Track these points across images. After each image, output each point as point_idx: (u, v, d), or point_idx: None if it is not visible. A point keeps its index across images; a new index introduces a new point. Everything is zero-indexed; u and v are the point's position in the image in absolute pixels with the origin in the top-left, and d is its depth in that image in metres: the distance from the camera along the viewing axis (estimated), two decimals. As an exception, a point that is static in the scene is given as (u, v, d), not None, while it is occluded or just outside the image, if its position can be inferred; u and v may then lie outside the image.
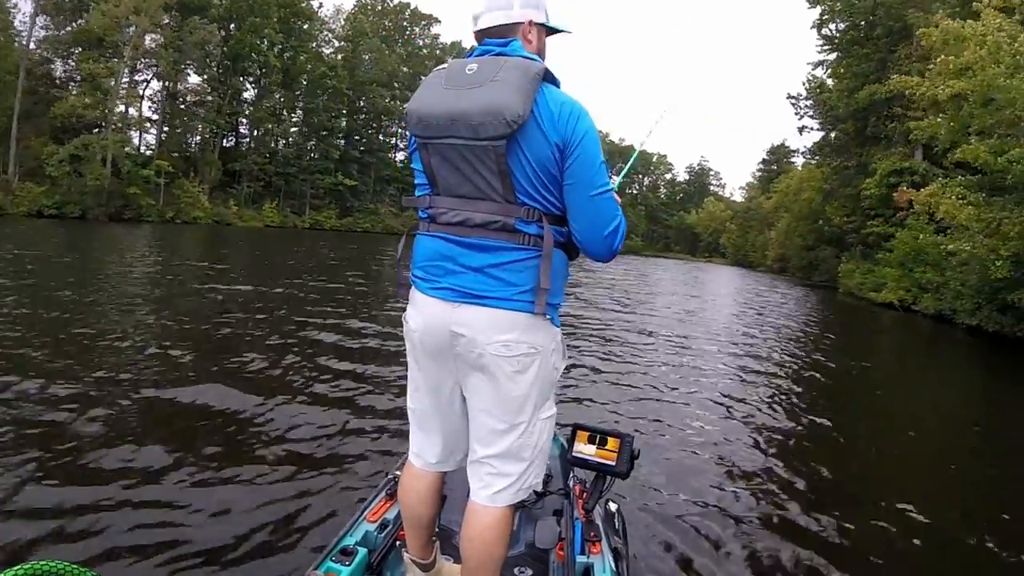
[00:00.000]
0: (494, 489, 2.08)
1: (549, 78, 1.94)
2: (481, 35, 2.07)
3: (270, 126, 63.09)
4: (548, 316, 1.99)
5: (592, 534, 2.67)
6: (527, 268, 1.94)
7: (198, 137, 58.71)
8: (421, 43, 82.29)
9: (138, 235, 30.48)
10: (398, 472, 2.76)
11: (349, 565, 2.30)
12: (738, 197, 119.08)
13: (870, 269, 35.42)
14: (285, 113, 64.77)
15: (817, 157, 51.30)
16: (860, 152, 40.65)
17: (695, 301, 24.71)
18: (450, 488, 2.54)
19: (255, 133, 63.27)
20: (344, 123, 69.89)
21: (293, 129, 65.08)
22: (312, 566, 2.30)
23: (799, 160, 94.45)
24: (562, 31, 2.18)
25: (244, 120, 61.88)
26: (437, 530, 2.43)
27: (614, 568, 2.51)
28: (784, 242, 66.86)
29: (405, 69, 77.29)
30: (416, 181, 2.15)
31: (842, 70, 41.99)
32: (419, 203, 2.09)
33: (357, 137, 72.06)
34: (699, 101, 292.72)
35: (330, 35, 71.64)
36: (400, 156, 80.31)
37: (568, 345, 2.25)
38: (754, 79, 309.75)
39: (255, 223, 54.46)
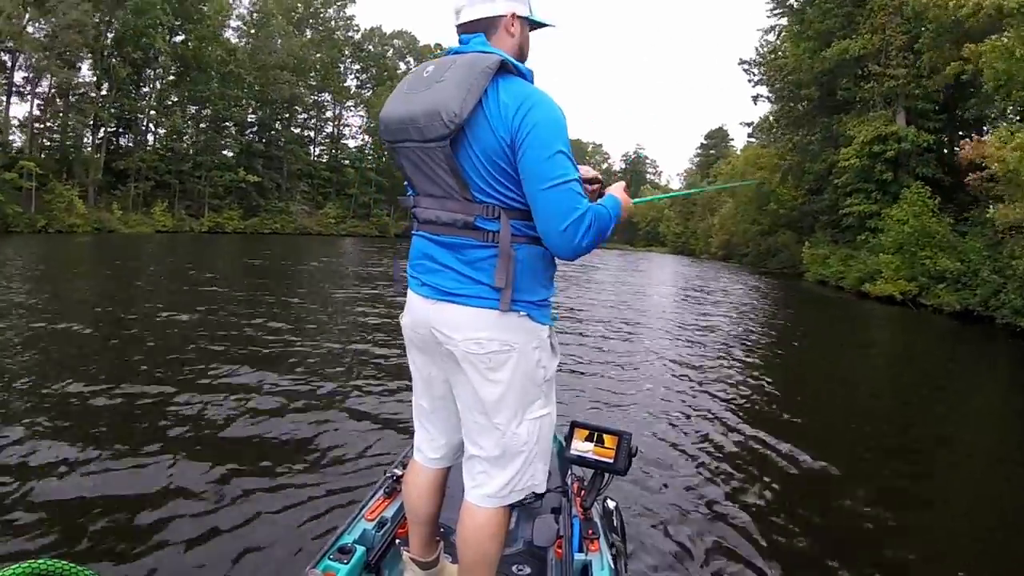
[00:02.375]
0: (484, 490, 2.07)
1: (509, 69, 1.90)
2: (461, 29, 2.05)
3: (160, 118, 55.80)
4: (524, 312, 1.96)
5: (590, 532, 2.63)
6: (491, 265, 1.92)
7: (73, 133, 50.69)
8: (335, 25, 75.20)
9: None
10: (396, 470, 2.89)
11: (347, 563, 2.29)
12: (675, 184, 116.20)
13: (848, 255, 30.47)
14: (177, 103, 57.40)
15: (774, 130, 45.73)
16: (827, 121, 35.37)
17: (654, 298, 22.33)
18: (448, 486, 2.42)
19: (142, 127, 55.49)
20: (248, 114, 62.82)
21: (188, 122, 57.83)
22: (310, 564, 2.29)
23: (738, 143, 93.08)
24: (545, 25, 2.17)
25: (129, 113, 53.78)
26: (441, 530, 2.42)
27: (612, 566, 2.49)
28: (730, 228, 64.27)
29: (318, 54, 70.63)
30: (406, 183, 2.15)
31: (799, 28, 36.63)
32: (407, 203, 2.13)
33: (263, 129, 64.83)
34: (634, 88, 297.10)
35: (235, 18, 64.29)
36: (317, 151, 75.21)
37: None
38: (689, 64, 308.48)
39: (144, 228, 47.28)
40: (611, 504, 3.10)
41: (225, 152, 59.89)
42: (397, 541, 2.59)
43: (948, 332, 18.06)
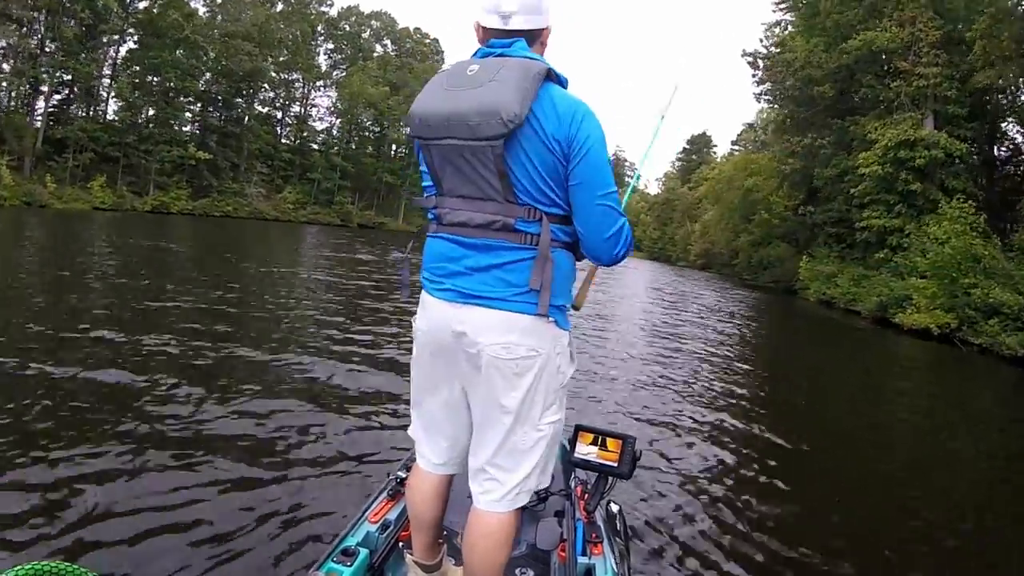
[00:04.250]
0: (494, 495, 2.08)
1: (553, 77, 1.95)
2: (499, 34, 2.04)
3: (106, 82, 51.03)
4: (552, 318, 1.98)
5: (594, 535, 2.66)
6: (528, 268, 1.94)
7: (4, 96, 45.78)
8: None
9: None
10: (400, 473, 2.89)
11: (350, 566, 2.30)
12: (653, 189, 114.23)
13: (862, 275, 26.86)
14: (123, 68, 52.58)
15: (782, 131, 41.60)
16: (841, 123, 31.58)
17: (652, 308, 21.38)
18: (451, 489, 2.43)
19: (84, 92, 50.34)
20: (205, 86, 57.84)
21: (135, 91, 52.61)
22: (313, 567, 2.30)
23: (722, 148, 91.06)
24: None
25: (71, 76, 48.71)
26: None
27: (616, 569, 2.50)
28: (712, 236, 62.47)
29: (286, 28, 65.94)
30: (423, 182, 2.14)
31: (810, 20, 32.75)
32: (427, 203, 2.10)
33: (221, 104, 59.82)
34: (618, 90, 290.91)
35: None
36: (286, 134, 70.91)
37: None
38: (669, 67, 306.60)
39: (80, 205, 42.38)
40: (615, 508, 3.02)
41: (179, 126, 55.42)
42: (400, 544, 2.55)
43: (1007, 381, 14.90)
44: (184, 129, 56.11)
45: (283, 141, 69.49)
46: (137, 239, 22.57)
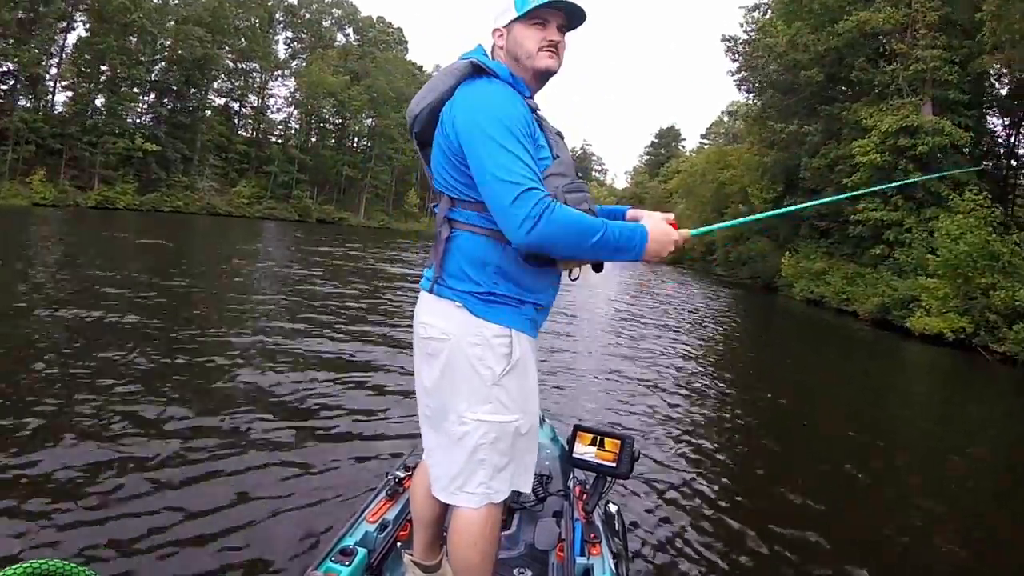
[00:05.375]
0: (436, 481, 2.09)
1: (483, 71, 1.96)
2: None
3: (50, 70, 48.26)
4: (458, 302, 1.97)
5: (592, 535, 2.65)
6: (444, 252, 1.99)
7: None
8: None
9: None
10: (398, 472, 2.91)
11: (349, 565, 2.30)
12: (621, 183, 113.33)
13: (857, 273, 25.02)
14: (66, 55, 49.76)
15: (766, 118, 39.65)
16: (829, 110, 29.62)
17: (643, 308, 19.87)
18: None
19: (24, 80, 47.03)
20: (154, 74, 54.80)
21: (77, 78, 49.92)
22: (311, 566, 2.29)
23: (691, 143, 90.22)
24: (544, 5, 2.01)
25: (9, 64, 45.53)
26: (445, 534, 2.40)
27: (614, 570, 2.50)
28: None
29: (242, 13, 63.16)
30: None
31: (797, 2, 30.71)
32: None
33: (171, 93, 56.43)
34: (584, 82, 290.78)
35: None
36: (242, 126, 68.09)
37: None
38: (640, 59, 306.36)
39: (18, 200, 39.96)
40: (613, 508, 3.05)
41: (129, 117, 52.53)
42: (399, 545, 2.54)
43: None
44: (134, 120, 53.39)
45: (240, 133, 66.51)
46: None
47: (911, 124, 23.93)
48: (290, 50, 73.11)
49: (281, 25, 71.79)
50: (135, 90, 53.35)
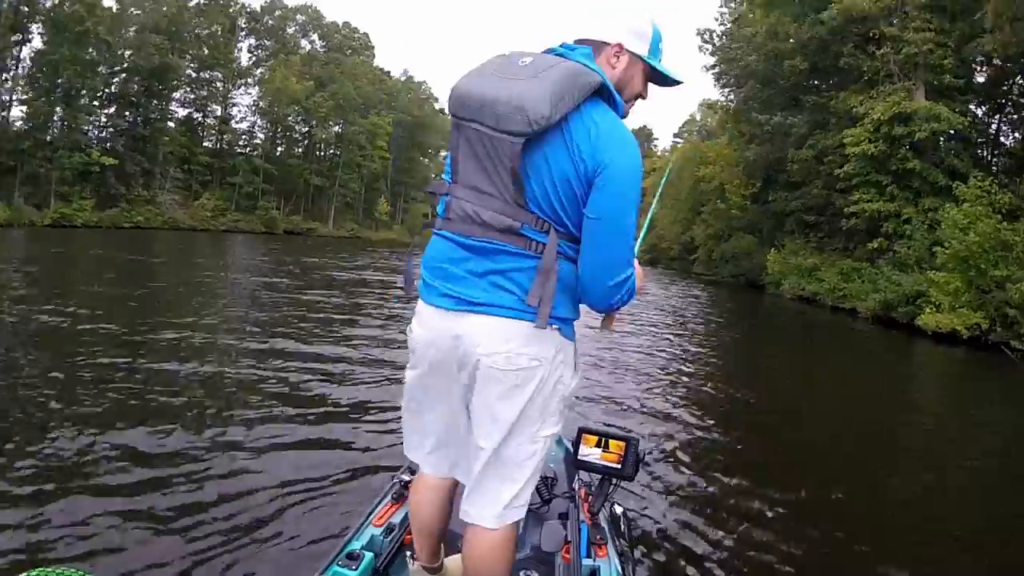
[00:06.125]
0: (489, 510, 1.97)
1: (605, 95, 1.83)
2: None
3: (5, 84, 46.19)
4: (555, 326, 1.89)
5: (598, 537, 2.65)
6: (531, 277, 1.84)
7: None
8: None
9: None
10: (404, 476, 2.89)
11: (355, 569, 2.30)
12: None
13: (853, 268, 23.97)
14: (16, 66, 47.49)
15: (749, 109, 38.48)
16: (816, 99, 28.43)
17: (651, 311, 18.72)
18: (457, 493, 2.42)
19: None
20: (110, 85, 52.45)
21: (28, 91, 47.51)
22: (318, 571, 2.31)
23: (663, 142, 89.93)
24: (673, 81, 2.07)
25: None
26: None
27: (620, 571, 2.50)
28: (658, 231, 60.63)
29: (202, 21, 61.08)
30: (446, 164, 2.03)
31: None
32: (438, 188, 2.01)
33: (129, 104, 53.97)
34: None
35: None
36: (206, 137, 65.42)
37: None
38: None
39: (-31, 221, 38.02)
40: (619, 509, 3.03)
41: (87, 130, 50.27)
42: (408, 553, 2.45)
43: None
44: (95, 133, 51.47)
45: (204, 145, 64.32)
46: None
47: (904, 111, 22.78)
48: (253, 57, 71.16)
49: (244, 32, 69.83)
50: (94, 103, 51.36)
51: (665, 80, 2.06)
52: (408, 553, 2.38)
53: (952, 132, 23.02)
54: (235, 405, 5.81)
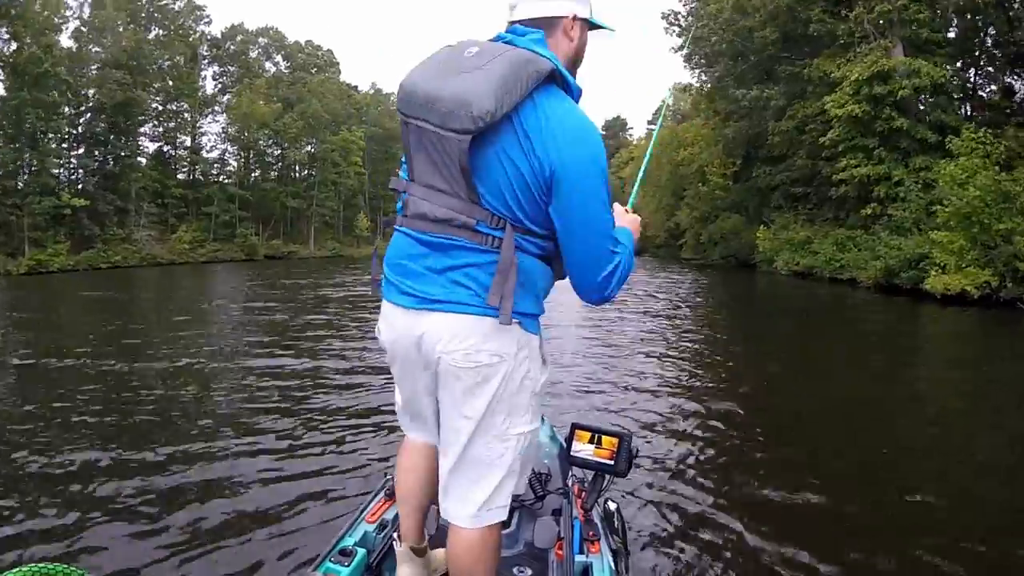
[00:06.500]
0: (464, 509, 1.95)
1: (558, 80, 1.75)
2: (512, 25, 1.90)
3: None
4: (517, 321, 1.83)
5: (591, 533, 2.65)
6: (490, 272, 1.79)
7: None
8: (183, 21, 64.88)
9: None
10: None
11: (348, 566, 2.29)
12: None
13: (848, 237, 23.48)
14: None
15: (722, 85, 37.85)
16: (791, 68, 27.80)
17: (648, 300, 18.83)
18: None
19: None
20: (75, 125, 51.72)
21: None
22: (311, 567, 2.32)
23: (637, 131, 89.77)
24: (603, 27, 2.01)
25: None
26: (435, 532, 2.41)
27: (613, 567, 2.50)
28: (643, 221, 57.39)
29: (162, 52, 59.96)
30: (402, 161, 1.99)
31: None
32: (397, 185, 1.98)
33: (96, 143, 52.99)
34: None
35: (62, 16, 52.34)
36: (178, 169, 64.52)
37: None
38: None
39: (-58, 280, 37.08)
40: (612, 506, 3.09)
41: (57, 172, 49.47)
42: (393, 535, 2.48)
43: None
44: (67, 175, 50.92)
45: (178, 176, 63.38)
46: None
47: (883, 68, 22.14)
48: (219, 84, 70.24)
49: (206, 60, 68.91)
50: (63, 145, 50.54)
51: (596, 28, 2.00)
52: (394, 535, 2.34)
53: (933, 87, 22.37)
54: (226, 412, 6.08)
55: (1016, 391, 8.26)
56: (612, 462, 2.55)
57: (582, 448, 2.59)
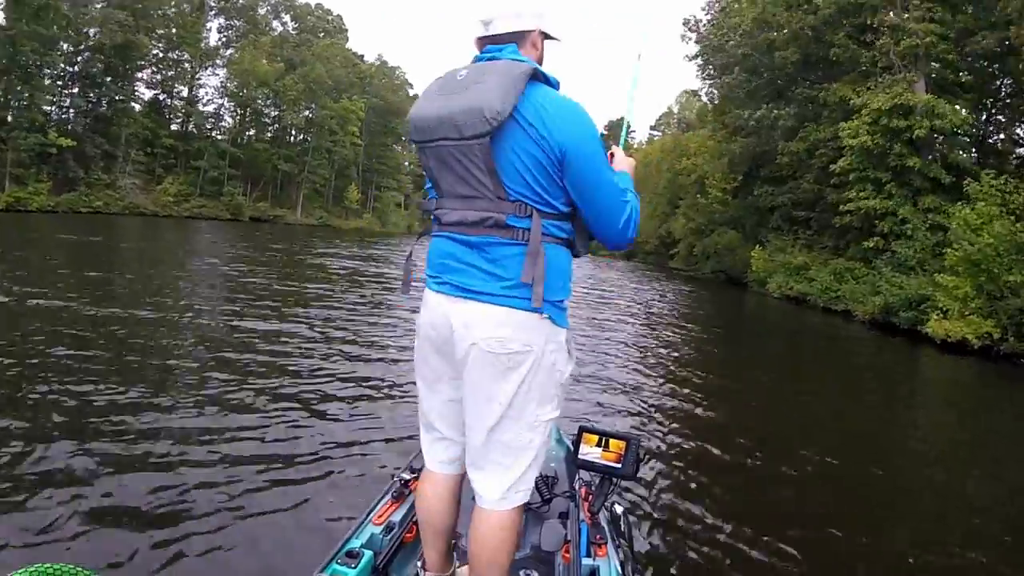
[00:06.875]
0: (492, 493, 2.06)
1: (540, 78, 1.95)
2: (485, 41, 2.10)
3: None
4: (547, 314, 1.98)
5: (598, 536, 2.65)
6: (519, 263, 1.94)
7: None
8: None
9: None
10: (404, 475, 2.93)
11: (355, 567, 2.30)
12: None
13: (846, 268, 22.99)
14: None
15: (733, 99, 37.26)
16: (807, 91, 27.34)
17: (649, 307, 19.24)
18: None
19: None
20: (71, 62, 50.17)
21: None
22: (318, 568, 2.31)
23: (640, 134, 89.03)
24: (555, 39, 2.21)
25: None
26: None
27: (620, 571, 2.50)
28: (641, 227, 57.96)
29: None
30: (426, 185, 2.19)
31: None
32: (428, 206, 2.15)
33: (91, 83, 51.55)
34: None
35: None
36: (175, 125, 63.15)
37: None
38: (582, 51, 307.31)
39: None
40: (619, 509, 3.03)
41: (30, 108, 47.01)
42: (417, 563, 2.48)
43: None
44: (58, 114, 49.54)
45: (171, 127, 62.20)
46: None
47: (906, 102, 21.62)
48: (223, 38, 69.09)
49: (213, 11, 67.70)
50: (58, 83, 49.22)
51: (548, 38, 2.20)
52: (419, 564, 2.35)
53: (954, 131, 21.98)
54: (230, 404, 5.77)
55: (1017, 444, 8.10)
56: (619, 465, 2.63)
57: (589, 451, 2.66)
